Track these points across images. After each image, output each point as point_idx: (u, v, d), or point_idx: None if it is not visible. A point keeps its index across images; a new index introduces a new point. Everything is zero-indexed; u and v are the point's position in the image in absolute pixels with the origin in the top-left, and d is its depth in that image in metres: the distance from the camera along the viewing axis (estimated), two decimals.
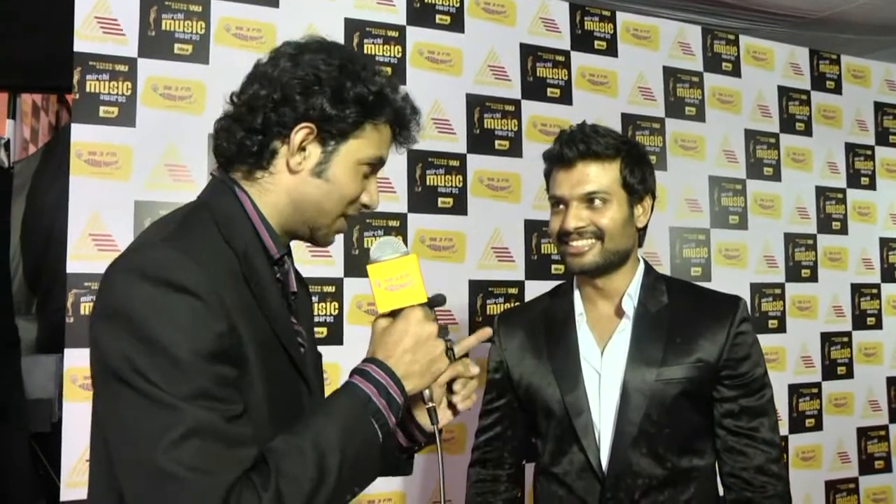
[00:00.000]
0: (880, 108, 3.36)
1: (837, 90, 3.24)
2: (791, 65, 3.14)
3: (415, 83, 2.37)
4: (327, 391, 2.37)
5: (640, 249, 1.51)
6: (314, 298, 2.21)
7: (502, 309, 2.42)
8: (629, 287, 1.45)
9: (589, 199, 1.38)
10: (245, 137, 1.00)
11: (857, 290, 3.19)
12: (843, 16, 3.40)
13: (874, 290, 3.23)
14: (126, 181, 2.05)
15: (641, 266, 1.49)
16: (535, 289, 2.44)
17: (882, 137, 3.34)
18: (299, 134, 0.99)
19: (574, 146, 1.39)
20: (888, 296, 3.26)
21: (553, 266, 2.51)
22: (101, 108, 2.06)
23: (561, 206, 1.41)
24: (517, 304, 2.44)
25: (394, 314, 1.04)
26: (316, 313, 2.21)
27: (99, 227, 2.01)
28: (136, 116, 2.07)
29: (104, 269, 0.94)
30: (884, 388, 3.19)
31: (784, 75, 3.11)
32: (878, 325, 3.22)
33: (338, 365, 2.20)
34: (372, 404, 0.97)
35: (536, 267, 2.49)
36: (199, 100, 2.12)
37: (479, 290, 2.41)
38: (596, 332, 1.46)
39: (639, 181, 1.41)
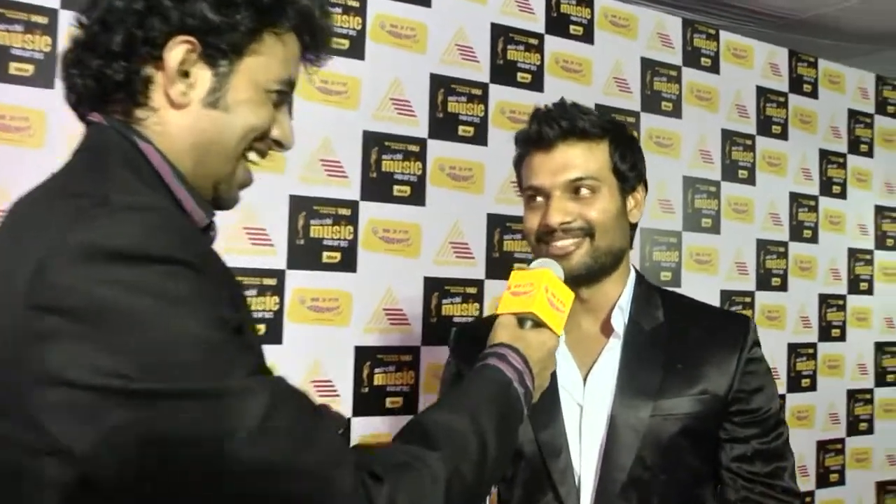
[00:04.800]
0: (853, 116, 3.29)
1: (814, 94, 3.15)
2: (770, 65, 3.03)
3: (374, 59, 2.16)
4: None
5: (632, 252, 1.30)
6: (253, 291, 2.00)
7: (459, 310, 2.25)
8: (620, 299, 1.22)
9: (574, 188, 1.16)
10: (103, 65, 0.75)
11: (825, 300, 3.11)
12: (821, 19, 3.33)
13: (840, 302, 3.17)
14: (39, 149, 1.80)
15: (633, 274, 1.26)
16: (497, 289, 2.28)
17: (854, 146, 3.28)
18: (176, 51, 0.74)
19: (555, 124, 1.17)
20: (853, 308, 3.20)
21: (517, 265, 2.34)
22: (13, 66, 1.80)
23: (539, 199, 1.19)
24: (475, 305, 2.26)
25: (537, 322, 0.99)
26: (254, 308, 2.00)
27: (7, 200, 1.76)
28: (54, 77, 1.82)
29: None
30: (844, 400, 3.12)
31: (763, 75, 3.00)
32: (842, 338, 3.15)
33: (275, 367, 1.99)
34: (514, 389, 0.88)
35: (498, 265, 2.31)
36: None
37: (435, 288, 2.22)
38: (577, 354, 1.21)
39: (630, 167, 1.20)
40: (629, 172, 1.20)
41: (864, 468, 3.14)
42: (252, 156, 0.84)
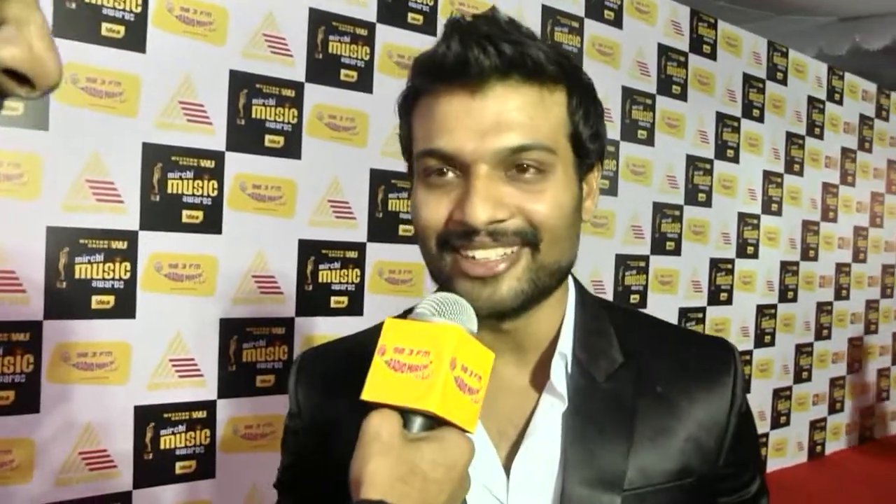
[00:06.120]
0: (747, 81, 3.30)
1: (713, 56, 3.13)
2: (672, 23, 2.95)
3: None
4: (112, 376, 1.85)
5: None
6: (99, 257, 1.71)
7: (338, 276, 2.04)
8: (560, 336, 0.78)
9: (515, 164, 0.68)
10: None
11: (715, 265, 3.14)
12: None
13: (729, 266, 3.21)
14: None
15: (573, 293, 0.81)
16: (379, 253, 2.09)
17: (747, 110, 3.30)
18: None
19: (491, 47, 0.66)
20: (740, 271, 3.26)
21: (402, 226, 2.15)
22: None
23: (448, 174, 0.69)
24: (356, 272, 2.06)
25: (438, 420, 0.60)
26: (101, 277, 1.71)
27: None
28: None
29: None
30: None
31: (665, 33, 2.92)
32: (729, 301, 3.21)
33: (128, 345, 1.72)
34: None
35: (381, 227, 2.11)
36: None
37: (311, 251, 2.00)
38: (495, 425, 0.76)
39: (593, 134, 0.74)
40: (590, 143, 0.74)
41: None
42: None
